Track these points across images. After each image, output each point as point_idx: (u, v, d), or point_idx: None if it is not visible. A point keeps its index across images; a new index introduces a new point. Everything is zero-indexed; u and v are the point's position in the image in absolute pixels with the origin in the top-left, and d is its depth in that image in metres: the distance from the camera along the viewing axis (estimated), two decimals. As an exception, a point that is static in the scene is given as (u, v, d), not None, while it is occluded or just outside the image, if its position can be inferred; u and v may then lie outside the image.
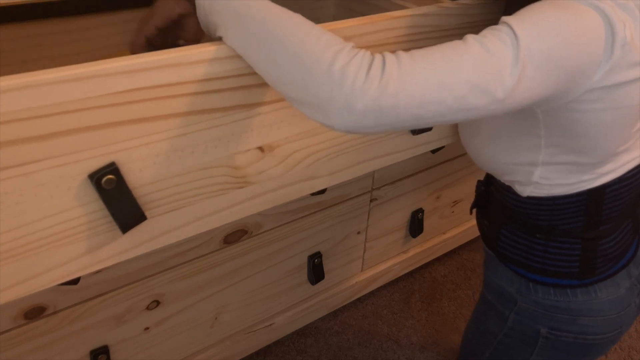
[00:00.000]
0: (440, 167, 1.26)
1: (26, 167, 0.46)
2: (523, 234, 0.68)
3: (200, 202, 0.59)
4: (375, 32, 0.61)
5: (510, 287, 0.72)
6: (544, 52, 0.46)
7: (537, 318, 0.70)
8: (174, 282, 0.91)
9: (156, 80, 0.48)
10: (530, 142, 0.60)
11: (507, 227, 0.70)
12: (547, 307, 0.69)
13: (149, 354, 0.97)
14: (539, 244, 0.67)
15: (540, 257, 0.68)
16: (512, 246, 0.70)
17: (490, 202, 0.74)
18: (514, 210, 0.68)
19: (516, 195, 0.66)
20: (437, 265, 1.56)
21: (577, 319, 0.68)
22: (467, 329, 0.86)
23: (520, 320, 0.72)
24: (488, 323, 0.78)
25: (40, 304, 0.78)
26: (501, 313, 0.74)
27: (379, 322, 1.38)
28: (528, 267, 0.69)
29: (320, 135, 0.65)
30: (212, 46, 0.50)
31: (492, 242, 0.74)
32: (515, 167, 0.63)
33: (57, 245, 0.51)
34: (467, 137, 0.71)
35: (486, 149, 0.67)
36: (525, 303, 0.71)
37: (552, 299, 0.68)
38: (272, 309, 1.14)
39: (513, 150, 0.63)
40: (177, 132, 0.53)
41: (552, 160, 0.60)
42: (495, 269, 0.75)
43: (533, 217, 0.66)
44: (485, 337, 0.78)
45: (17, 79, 0.42)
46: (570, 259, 0.66)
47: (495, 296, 0.76)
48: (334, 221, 1.11)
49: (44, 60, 0.83)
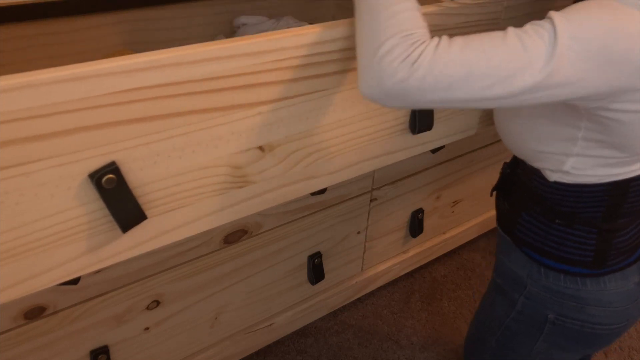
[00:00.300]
0: (440, 167, 1.26)
1: (26, 166, 0.46)
2: (543, 219, 0.69)
3: (201, 202, 0.59)
4: (375, 32, 0.61)
5: (522, 271, 0.73)
6: (582, 53, 0.47)
7: (545, 303, 0.71)
8: (174, 282, 0.91)
9: (156, 80, 0.48)
10: (568, 134, 0.61)
11: (528, 212, 0.71)
12: (556, 293, 0.70)
13: (149, 354, 0.97)
14: (557, 229, 0.68)
15: (556, 243, 0.69)
16: (530, 230, 0.71)
17: (513, 185, 0.75)
18: (538, 194, 0.69)
19: (543, 180, 0.67)
20: (437, 265, 1.56)
21: (584, 308, 0.69)
22: (474, 318, 0.87)
23: (529, 304, 0.73)
24: (496, 308, 0.79)
25: (40, 304, 0.78)
26: (510, 297, 0.75)
27: (379, 322, 1.38)
28: (542, 251, 0.70)
29: (320, 135, 0.65)
30: (212, 46, 0.50)
31: (510, 225, 0.75)
32: (549, 155, 0.64)
33: (57, 245, 0.51)
34: (503, 120, 0.71)
35: (522, 135, 0.68)
36: (535, 287, 0.72)
37: (561, 285, 0.69)
38: (272, 309, 1.14)
39: (549, 140, 0.64)
40: (177, 132, 0.53)
41: (586, 153, 0.61)
42: (508, 253, 0.76)
43: (556, 203, 0.67)
44: (493, 323, 0.79)
45: (17, 79, 0.42)
46: (585, 248, 0.67)
47: (506, 280, 0.77)
48: (334, 221, 1.11)
49: (44, 60, 0.83)
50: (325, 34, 0.57)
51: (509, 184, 0.76)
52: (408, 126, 0.74)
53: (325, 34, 0.57)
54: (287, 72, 0.57)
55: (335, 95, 0.63)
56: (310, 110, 0.62)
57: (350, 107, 0.65)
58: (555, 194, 0.67)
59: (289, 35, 0.55)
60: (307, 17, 1.09)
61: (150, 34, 0.92)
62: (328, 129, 0.65)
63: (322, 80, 0.60)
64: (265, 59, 0.54)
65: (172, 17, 0.93)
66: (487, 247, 1.66)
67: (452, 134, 0.82)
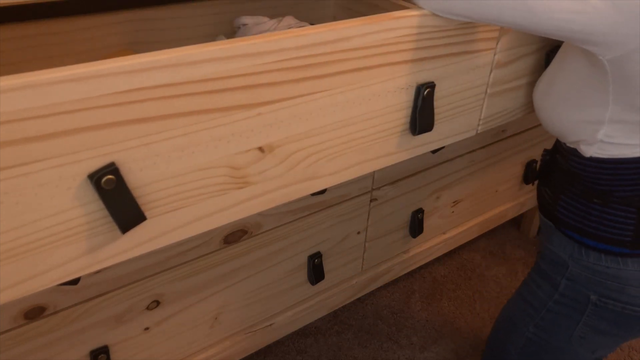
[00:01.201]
0: (440, 167, 1.26)
1: (26, 167, 0.46)
2: (582, 199, 0.72)
3: (200, 202, 0.59)
4: (375, 32, 0.61)
5: (564, 253, 0.75)
6: None
7: (587, 284, 0.73)
8: (174, 282, 0.91)
9: (156, 80, 0.48)
10: (599, 99, 0.64)
11: (567, 194, 0.74)
12: (598, 273, 0.71)
13: (149, 354, 0.97)
14: (595, 209, 0.70)
15: (595, 223, 0.70)
16: (569, 211, 0.73)
17: (552, 170, 0.78)
18: (576, 174, 0.71)
19: (580, 158, 0.70)
20: (437, 265, 1.56)
21: (625, 288, 0.70)
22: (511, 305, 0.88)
23: (571, 285, 0.75)
24: (538, 292, 0.80)
25: (40, 304, 0.78)
26: (553, 279, 0.77)
27: (379, 322, 1.38)
28: (582, 231, 0.72)
29: (320, 135, 0.65)
30: (213, 46, 0.50)
31: (551, 208, 0.77)
32: (583, 124, 0.67)
33: (57, 245, 0.51)
34: (540, 98, 0.75)
35: (557, 108, 0.71)
36: (577, 268, 0.73)
37: (602, 265, 0.71)
38: (272, 309, 1.14)
39: (582, 107, 0.66)
40: (177, 132, 0.53)
41: (618, 117, 0.63)
42: (550, 237, 0.78)
43: (593, 181, 0.69)
44: (533, 307, 0.81)
45: (17, 79, 0.42)
46: (624, 227, 0.69)
47: (549, 264, 0.79)
48: (334, 221, 1.11)
49: (44, 60, 0.83)
50: (326, 34, 0.57)
51: (549, 170, 0.79)
52: (408, 127, 0.74)
53: (326, 35, 0.57)
54: (288, 72, 0.57)
55: (335, 96, 0.63)
56: (311, 111, 0.62)
57: (351, 108, 0.65)
58: (591, 171, 0.69)
59: (290, 36, 0.55)
60: (308, 17, 1.09)
61: (150, 34, 0.92)
62: (328, 130, 0.65)
63: (323, 81, 0.60)
64: (265, 59, 0.54)
65: (173, 17, 0.93)
66: (487, 247, 1.66)
67: (453, 135, 0.82)
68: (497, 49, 0.77)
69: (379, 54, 0.63)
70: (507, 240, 1.70)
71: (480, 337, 1.37)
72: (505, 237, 1.71)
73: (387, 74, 0.66)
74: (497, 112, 0.86)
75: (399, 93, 0.69)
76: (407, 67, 0.67)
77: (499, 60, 0.79)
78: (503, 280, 1.54)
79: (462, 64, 0.74)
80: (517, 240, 1.70)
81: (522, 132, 1.40)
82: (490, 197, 1.48)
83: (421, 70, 0.69)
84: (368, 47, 0.62)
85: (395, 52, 0.65)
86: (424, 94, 0.70)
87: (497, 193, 1.49)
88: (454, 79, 0.75)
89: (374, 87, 0.66)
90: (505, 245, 1.68)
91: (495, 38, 0.76)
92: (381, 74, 0.65)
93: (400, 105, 0.71)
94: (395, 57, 0.65)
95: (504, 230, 1.73)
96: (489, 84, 0.81)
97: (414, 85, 0.70)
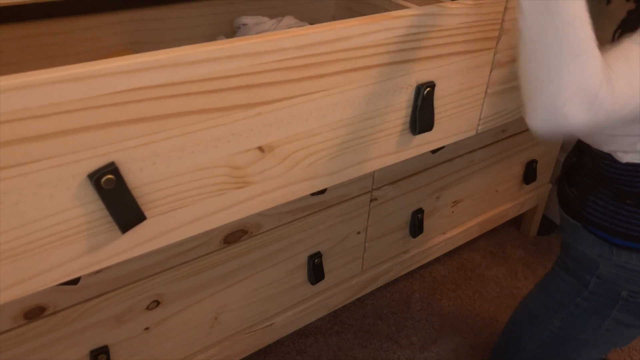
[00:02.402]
0: (440, 167, 1.26)
1: (26, 167, 0.46)
2: (612, 201, 0.72)
3: (200, 202, 0.59)
4: (375, 32, 0.61)
5: (592, 252, 0.76)
6: None
7: (618, 281, 0.74)
8: (174, 282, 0.91)
9: (156, 81, 0.48)
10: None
11: (596, 194, 0.74)
12: (630, 271, 0.72)
13: (149, 354, 0.97)
14: (626, 209, 0.71)
15: (625, 222, 0.71)
16: (599, 211, 0.74)
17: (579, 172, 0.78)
18: (608, 177, 0.71)
19: (612, 163, 0.70)
20: (437, 265, 1.56)
21: None
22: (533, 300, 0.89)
23: (601, 284, 0.76)
24: (565, 288, 0.81)
25: (40, 304, 0.78)
26: (581, 277, 0.78)
27: (379, 322, 1.38)
28: (612, 231, 0.72)
29: (320, 135, 0.65)
30: (212, 46, 0.50)
31: (578, 208, 0.77)
32: (621, 137, 0.67)
33: (57, 245, 0.51)
34: None
35: None
36: (608, 267, 0.74)
37: (634, 263, 0.72)
38: (272, 309, 1.14)
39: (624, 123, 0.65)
40: (177, 132, 0.53)
41: None
42: (576, 236, 0.79)
43: (627, 184, 0.70)
44: (559, 303, 0.82)
45: (17, 79, 0.42)
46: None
47: (576, 262, 0.79)
48: (334, 221, 1.11)
49: (44, 60, 0.83)
50: (326, 34, 0.57)
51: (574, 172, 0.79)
52: (408, 127, 0.74)
53: (325, 34, 0.57)
54: (288, 72, 0.57)
55: (335, 96, 0.63)
56: (311, 111, 0.62)
57: (351, 108, 0.65)
58: (626, 175, 0.69)
59: (289, 35, 0.55)
60: (308, 17, 1.09)
61: (150, 34, 0.92)
62: (328, 130, 0.65)
63: (323, 81, 0.60)
64: (265, 59, 0.54)
65: (172, 17, 0.93)
66: (487, 247, 1.66)
67: (453, 134, 0.82)
68: (497, 49, 0.78)
69: (378, 54, 0.63)
70: (507, 240, 1.70)
71: (480, 337, 1.37)
72: (505, 237, 1.71)
73: (387, 73, 0.66)
74: (497, 112, 0.86)
75: (398, 93, 0.69)
76: (406, 67, 0.68)
77: (499, 60, 0.79)
78: (503, 280, 1.54)
79: (462, 64, 0.74)
80: (517, 240, 1.70)
81: (522, 132, 1.40)
82: (490, 197, 1.48)
83: (421, 70, 0.69)
84: (367, 46, 0.62)
85: (395, 51, 0.65)
86: (424, 94, 0.70)
87: (497, 193, 1.49)
88: (454, 78, 0.75)
89: (374, 86, 0.66)
90: (505, 245, 1.68)
91: (495, 38, 0.76)
92: (381, 73, 0.65)
93: (400, 104, 0.71)
94: (394, 57, 0.65)
95: (504, 230, 1.73)
96: (488, 84, 0.81)
97: (414, 85, 0.70)
